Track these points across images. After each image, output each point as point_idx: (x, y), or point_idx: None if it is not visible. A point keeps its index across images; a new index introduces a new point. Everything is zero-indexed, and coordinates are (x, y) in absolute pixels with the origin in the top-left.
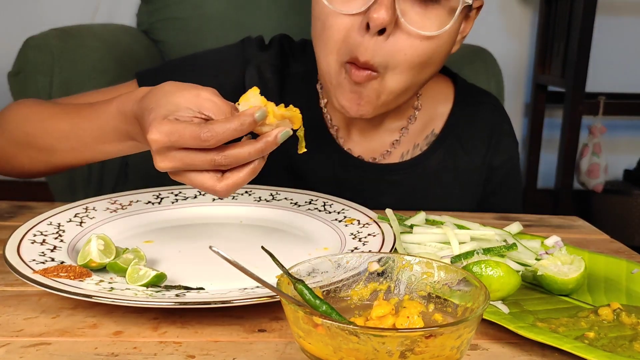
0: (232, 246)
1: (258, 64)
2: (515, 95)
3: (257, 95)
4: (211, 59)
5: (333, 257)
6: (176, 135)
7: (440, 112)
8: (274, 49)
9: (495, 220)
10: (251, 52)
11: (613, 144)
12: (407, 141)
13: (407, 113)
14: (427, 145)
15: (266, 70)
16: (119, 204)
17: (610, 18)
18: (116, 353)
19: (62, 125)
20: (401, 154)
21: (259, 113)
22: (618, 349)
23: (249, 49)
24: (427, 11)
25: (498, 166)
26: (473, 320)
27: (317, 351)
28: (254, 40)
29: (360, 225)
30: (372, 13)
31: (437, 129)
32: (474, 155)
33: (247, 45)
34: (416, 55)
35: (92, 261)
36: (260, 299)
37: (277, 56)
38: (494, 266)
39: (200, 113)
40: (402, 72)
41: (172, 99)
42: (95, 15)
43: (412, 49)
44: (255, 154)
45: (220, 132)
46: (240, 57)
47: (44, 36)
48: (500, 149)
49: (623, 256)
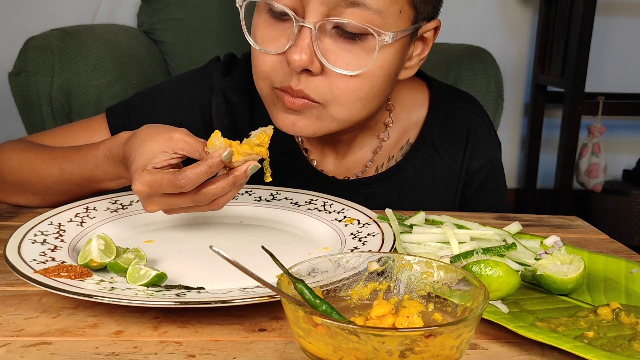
0: (232, 246)
1: (223, 90)
2: (515, 95)
3: (220, 138)
4: (177, 91)
5: (333, 256)
6: (155, 185)
7: (415, 121)
8: (241, 69)
9: (494, 220)
10: (215, 78)
11: (612, 144)
12: (381, 156)
13: (378, 131)
14: (402, 155)
15: (232, 95)
16: (120, 203)
17: (609, 18)
18: (117, 352)
19: (53, 171)
20: (376, 167)
21: (224, 154)
22: (617, 349)
23: (213, 74)
24: (351, 48)
25: (476, 170)
26: (472, 319)
27: (317, 350)
28: (219, 64)
29: (360, 225)
30: (290, 55)
31: (412, 138)
32: (450, 161)
33: (212, 71)
34: (350, 91)
35: (92, 261)
36: (261, 299)
37: (244, 78)
38: (493, 266)
39: (175, 153)
40: (343, 104)
41: (148, 146)
42: (96, 16)
43: (344, 84)
44: (228, 187)
45: (193, 178)
46: (204, 85)
47: (45, 36)
48: (478, 153)
49: (622, 256)
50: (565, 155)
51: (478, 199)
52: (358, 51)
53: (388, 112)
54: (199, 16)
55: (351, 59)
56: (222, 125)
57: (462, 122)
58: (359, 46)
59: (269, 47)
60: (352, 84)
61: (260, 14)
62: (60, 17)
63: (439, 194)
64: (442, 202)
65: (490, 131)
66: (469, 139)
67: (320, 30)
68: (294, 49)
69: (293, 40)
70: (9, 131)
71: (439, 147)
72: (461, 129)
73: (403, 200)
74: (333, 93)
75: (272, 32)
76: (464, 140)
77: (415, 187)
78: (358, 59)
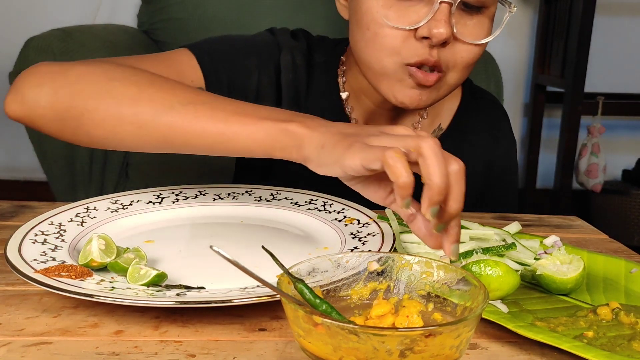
0: (233, 246)
1: (291, 50)
2: (515, 95)
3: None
4: (250, 42)
5: (333, 256)
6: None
7: (447, 108)
8: (301, 39)
9: (494, 219)
10: (284, 39)
11: (612, 144)
12: None
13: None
14: None
15: (297, 56)
16: (120, 203)
17: (609, 18)
18: (117, 352)
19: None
20: None
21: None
22: (617, 348)
23: (281, 36)
24: (474, 20)
25: (496, 160)
26: (472, 319)
27: (317, 350)
28: (283, 30)
29: (360, 225)
30: (433, 29)
31: (444, 124)
32: (477, 148)
33: (280, 33)
34: (471, 58)
35: (93, 261)
36: (261, 298)
37: (305, 45)
38: (493, 265)
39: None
40: (460, 70)
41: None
42: (96, 16)
43: (467, 52)
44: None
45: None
46: (275, 42)
47: (45, 37)
48: (500, 144)
49: (622, 256)
50: (564, 155)
51: (494, 189)
52: (480, 22)
53: None
54: (200, 16)
55: (476, 30)
56: (288, 80)
57: (490, 113)
58: (479, 18)
59: (401, 22)
60: (473, 52)
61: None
62: (60, 17)
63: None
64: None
65: (510, 128)
66: (493, 130)
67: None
68: (436, 23)
69: (432, 15)
70: (9, 131)
71: (468, 133)
72: (490, 120)
73: None
74: (456, 61)
75: (400, 9)
76: (491, 130)
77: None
78: (481, 29)
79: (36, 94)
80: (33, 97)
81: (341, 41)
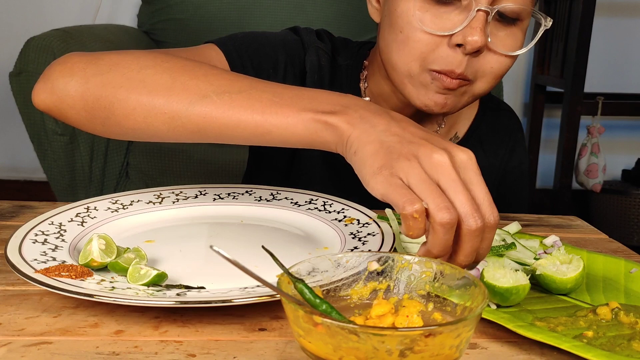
0: (233, 245)
1: (317, 50)
2: (514, 96)
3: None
4: (277, 38)
5: (333, 256)
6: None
7: (464, 117)
8: (325, 40)
9: None
10: (310, 38)
11: (611, 144)
12: None
13: (438, 117)
14: None
15: (323, 57)
16: (120, 203)
17: (609, 19)
18: (117, 352)
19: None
20: None
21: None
22: (616, 348)
23: (307, 36)
24: (507, 31)
25: (510, 170)
26: (472, 319)
27: (317, 350)
28: (308, 29)
29: (360, 225)
30: (468, 36)
31: (460, 133)
32: (493, 157)
33: (305, 33)
34: (501, 69)
35: (93, 261)
36: (261, 298)
37: (330, 47)
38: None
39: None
40: (488, 81)
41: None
42: (97, 16)
43: (499, 63)
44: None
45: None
46: (300, 41)
47: (46, 37)
48: (515, 154)
49: (621, 255)
50: (564, 155)
51: (506, 198)
52: (514, 33)
53: None
54: (200, 17)
55: (509, 41)
56: (314, 81)
57: (507, 123)
58: (514, 29)
59: (436, 28)
60: (505, 64)
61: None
62: (60, 18)
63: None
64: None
65: (524, 137)
66: (510, 140)
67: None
68: (472, 31)
69: (468, 22)
70: (9, 131)
71: (484, 142)
72: (505, 129)
73: None
74: (485, 71)
75: (435, 15)
76: (507, 139)
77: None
78: (515, 40)
79: (66, 83)
80: (63, 87)
81: (364, 44)
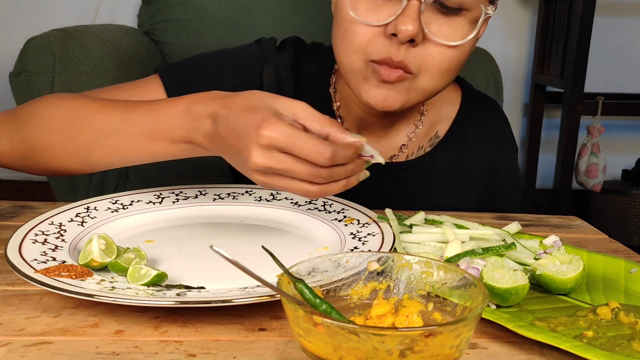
0: (233, 245)
1: (275, 63)
2: (514, 96)
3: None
4: (230, 58)
5: (333, 256)
6: (296, 140)
7: (445, 115)
8: (289, 49)
9: (494, 220)
10: (268, 51)
11: (611, 144)
12: (412, 145)
13: (414, 118)
14: (431, 147)
15: (282, 69)
16: (120, 203)
17: (608, 18)
18: (117, 352)
19: (111, 119)
20: (406, 155)
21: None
22: (616, 348)
23: (266, 48)
24: (450, 21)
25: (499, 169)
26: (472, 319)
27: (317, 350)
28: (270, 41)
29: (360, 225)
30: (400, 25)
31: (441, 132)
32: (479, 156)
33: (264, 45)
34: (445, 62)
35: (93, 261)
36: (261, 298)
37: (292, 57)
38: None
39: (295, 121)
40: (434, 75)
41: (270, 103)
42: (97, 16)
43: (440, 55)
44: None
45: (339, 156)
46: (258, 56)
47: (46, 37)
48: (503, 152)
49: (621, 255)
50: (564, 156)
51: (498, 197)
52: (456, 24)
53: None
54: (200, 17)
55: (450, 31)
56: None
57: (491, 121)
58: (456, 19)
59: (370, 18)
60: (448, 55)
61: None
62: (60, 18)
63: (466, 187)
64: (469, 195)
65: (512, 134)
66: (496, 138)
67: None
68: (403, 19)
69: (401, 11)
70: None
71: (469, 141)
72: (490, 127)
73: (432, 189)
74: (428, 64)
75: (372, 5)
76: (493, 137)
77: (444, 178)
78: (457, 31)
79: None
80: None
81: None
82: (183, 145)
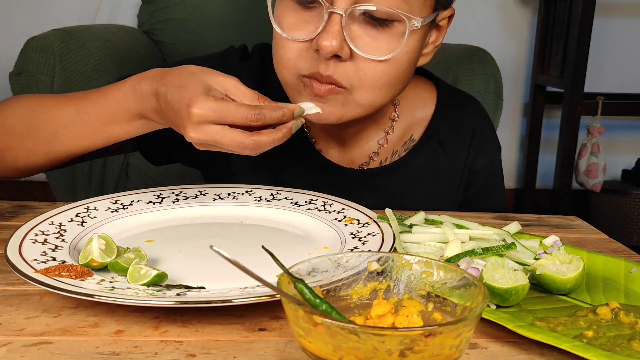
0: (233, 245)
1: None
2: (514, 96)
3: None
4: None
5: (333, 256)
6: (224, 112)
7: (419, 118)
8: (255, 59)
9: (494, 220)
10: (232, 62)
11: (611, 144)
12: (385, 150)
13: (384, 124)
14: (406, 151)
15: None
16: (120, 203)
17: (608, 19)
18: (117, 352)
19: (67, 111)
20: (380, 161)
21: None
22: (616, 348)
23: (230, 59)
24: (380, 34)
25: (479, 170)
26: (472, 319)
27: (317, 350)
28: (236, 50)
29: (360, 225)
30: (321, 41)
31: (416, 135)
32: (455, 158)
33: (229, 55)
34: (378, 76)
35: (93, 261)
36: (261, 298)
37: (259, 66)
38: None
39: (226, 96)
40: (370, 90)
41: (202, 78)
42: (97, 16)
43: (372, 70)
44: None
45: (268, 117)
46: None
47: (46, 37)
48: (482, 153)
49: (621, 255)
50: (564, 156)
51: (478, 199)
52: (386, 37)
53: (394, 106)
54: (199, 17)
55: (379, 45)
56: None
57: (469, 121)
58: (386, 32)
59: (296, 34)
60: (380, 70)
61: (285, 1)
62: (60, 18)
63: (443, 189)
64: (446, 198)
65: (493, 133)
66: (474, 138)
67: (349, 16)
68: (324, 35)
69: (322, 26)
70: None
71: (444, 144)
72: (467, 128)
73: (408, 193)
74: (360, 79)
75: (298, 20)
76: (469, 139)
77: (420, 181)
78: (386, 44)
79: None
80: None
81: None
82: (139, 121)
